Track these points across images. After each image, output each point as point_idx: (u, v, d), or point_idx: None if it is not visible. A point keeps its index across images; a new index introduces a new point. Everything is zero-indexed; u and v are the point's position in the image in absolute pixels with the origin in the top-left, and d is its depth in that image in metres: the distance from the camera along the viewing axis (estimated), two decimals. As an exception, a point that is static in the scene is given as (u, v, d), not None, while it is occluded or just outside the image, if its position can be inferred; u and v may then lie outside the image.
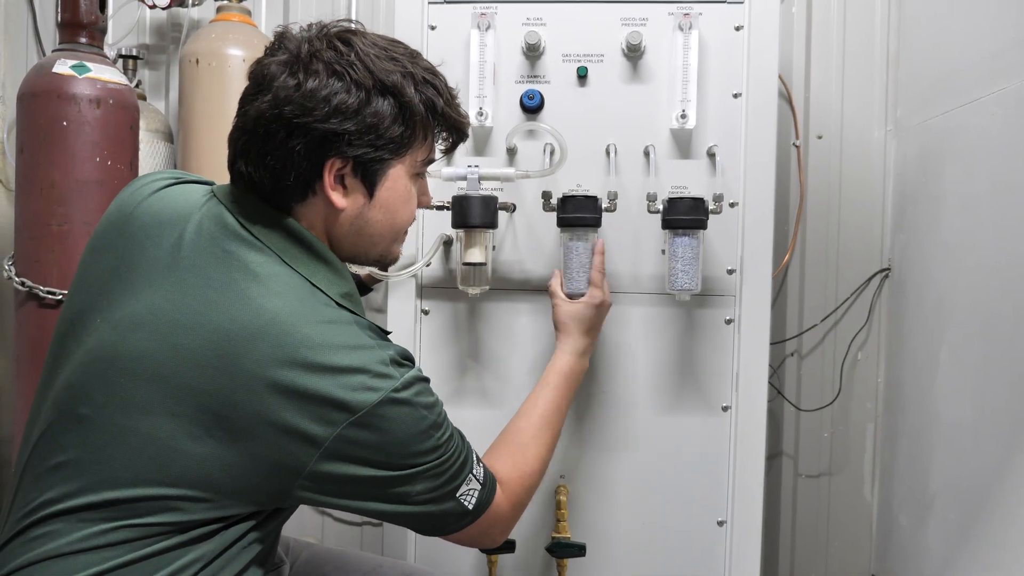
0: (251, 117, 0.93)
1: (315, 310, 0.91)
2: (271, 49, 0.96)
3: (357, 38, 0.95)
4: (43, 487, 0.89)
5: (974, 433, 1.46)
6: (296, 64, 0.92)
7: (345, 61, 0.92)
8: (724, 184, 1.37)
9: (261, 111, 0.92)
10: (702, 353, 1.40)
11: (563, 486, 1.42)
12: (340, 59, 0.92)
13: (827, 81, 1.98)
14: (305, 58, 0.92)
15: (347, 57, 0.92)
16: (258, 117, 0.92)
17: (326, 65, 0.91)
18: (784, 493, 1.99)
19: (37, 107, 1.63)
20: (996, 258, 1.40)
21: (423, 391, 0.94)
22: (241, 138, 0.95)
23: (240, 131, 0.95)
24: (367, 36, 0.97)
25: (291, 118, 0.90)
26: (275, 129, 0.91)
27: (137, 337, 0.89)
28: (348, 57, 0.92)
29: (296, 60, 0.92)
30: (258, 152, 0.93)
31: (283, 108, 0.90)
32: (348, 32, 0.96)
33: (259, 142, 0.93)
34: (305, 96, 0.90)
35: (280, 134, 0.91)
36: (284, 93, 0.91)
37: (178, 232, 0.94)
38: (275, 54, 0.94)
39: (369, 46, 0.95)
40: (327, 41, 0.94)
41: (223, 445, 0.87)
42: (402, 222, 1.04)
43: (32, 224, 1.65)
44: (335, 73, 0.91)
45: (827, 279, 1.97)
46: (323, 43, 0.93)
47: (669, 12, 1.37)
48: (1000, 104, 1.40)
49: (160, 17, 2.07)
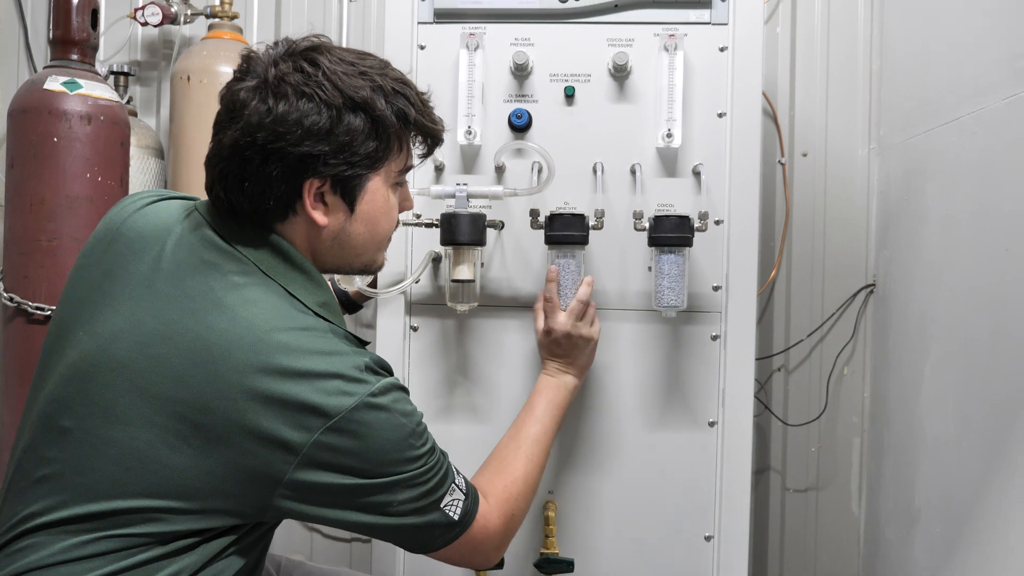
0: (226, 145, 0.93)
1: (291, 317, 0.91)
2: (240, 73, 0.95)
3: (324, 56, 0.94)
4: (27, 500, 0.90)
5: (957, 447, 1.47)
6: (265, 89, 0.91)
7: (313, 82, 0.92)
8: (709, 202, 1.38)
9: (235, 139, 0.92)
10: (688, 369, 1.41)
11: (551, 502, 1.42)
12: (308, 80, 0.92)
13: (811, 100, 2.00)
14: (273, 82, 0.92)
15: (315, 78, 0.92)
16: (233, 145, 0.92)
17: (294, 88, 0.91)
18: (772, 508, 2.00)
19: (28, 123, 1.64)
20: (975, 275, 1.42)
21: (400, 399, 0.94)
22: (218, 165, 0.95)
23: (217, 158, 0.95)
24: (333, 52, 0.96)
25: (265, 144, 0.90)
26: (250, 156, 0.91)
27: (116, 349, 0.90)
28: (316, 77, 0.92)
29: (265, 85, 0.92)
30: (236, 179, 0.93)
31: (256, 135, 0.90)
32: (314, 51, 0.95)
33: (236, 169, 0.93)
34: (277, 121, 0.90)
35: (256, 160, 0.91)
36: (256, 119, 0.90)
37: (159, 246, 0.95)
38: (244, 79, 0.94)
39: (336, 63, 0.94)
40: (293, 62, 0.93)
41: (201, 454, 0.87)
42: (384, 232, 1.04)
43: (21, 239, 1.65)
44: (304, 95, 0.91)
45: (813, 295, 1.99)
46: (290, 65, 0.93)
47: (655, 33, 1.39)
48: (979, 123, 1.42)
49: (152, 34, 2.08)
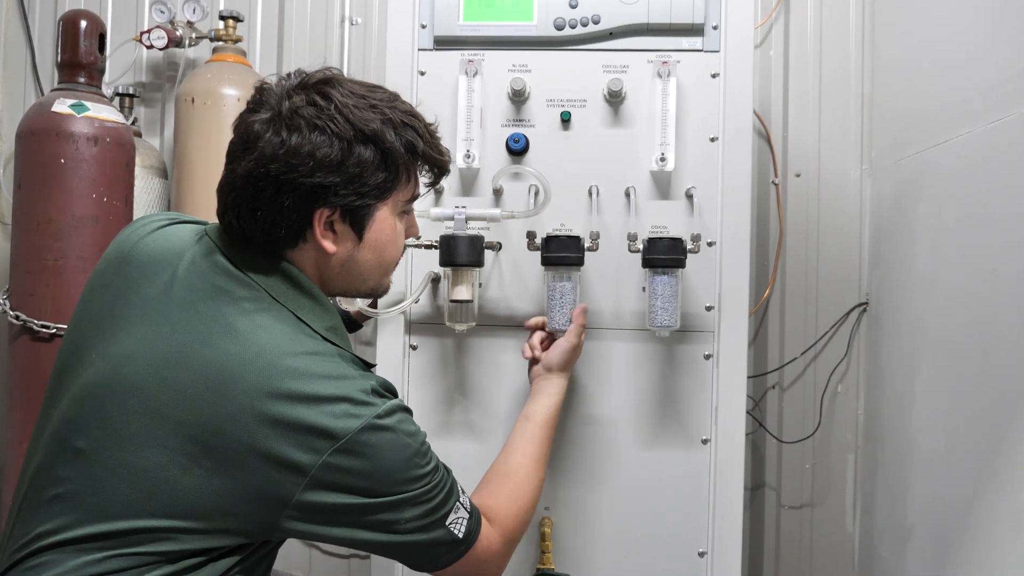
0: (239, 175, 0.95)
1: (300, 342, 0.94)
2: (253, 104, 0.98)
3: (336, 89, 0.97)
4: (40, 519, 0.92)
5: (947, 464, 1.49)
6: (279, 121, 0.94)
7: (326, 115, 0.94)
8: (702, 224, 1.41)
9: (248, 170, 0.94)
10: (682, 387, 1.43)
11: (547, 518, 1.45)
12: (321, 113, 0.94)
13: (805, 121, 2.02)
14: (287, 115, 0.94)
15: (327, 111, 0.95)
16: (246, 175, 0.95)
17: (307, 121, 0.94)
18: (767, 524, 2.01)
19: (36, 145, 1.67)
20: (964, 294, 1.44)
21: (405, 420, 0.97)
22: (231, 193, 0.97)
23: (230, 187, 0.97)
24: (345, 85, 0.99)
25: (278, 175, 0.93)
26: (263, 186, 0.94)
27: (129, 371, 0.93)
28: (328, 111, 0.95)
29: (278, 117, 0.94)
30: (248, 208, 0.96)
31: (269, 166, 0.93)
32: (326, 84, 0.98)
33: (249, 198, 0.95)
34: (290, 153, 0.93)
35: (269, 190, 0.94)
36: (270, 151, 0.93)
37: (171, 270, 0.98)
38: (258, 111, 0.97)
39: (347, 96, 0.97)
40: (306, 95, 0.96)
41: (212, 475, 0.89)
42: (391, 258, 1.08)
43: (28, 258, 1.67)
44: (316, 128, 0.94)
45: (807, 313, 2.01)
46: (303, 98, 0.96)
47: (649, 60, 1.42)
48: (967, 146, 1.45)
49: (156, 56, 2.11)
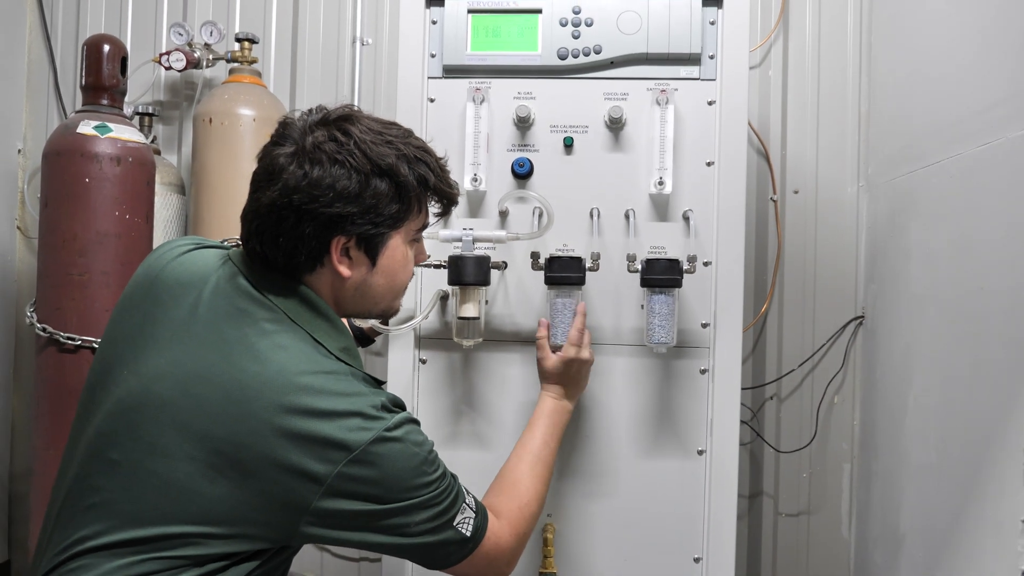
0: (264, 204, 1.03)
1: (316, 362, 1.02)
2: (277, 137, 1.06)
3: (355, 126, 1.05)
4: (78, 525, 0.99)
5: (937, 475, 1.54)
6: (302, 155, 1.02)
7: (345, 150, 1.02)
8: (698, 245, 1.47)
9: (273, 199, 1.02)
10: (679, 401, 1.50)
11: (550, 524, 1.51)
12: (341, 148, 1.02)
13: (803, 139, 2.08)
14: (310, 149, 1.02)
15: (347, 146, 1.03)
16: (270, 204, 1.02)
17: (328, 155, 1.02)
18: (765, 531, 2.07)
19: (62, 164, 1.74)
20: (954, 311, 1.49)
21: (413, 431, 1.04)
22: (254, 221, 1.05)
23: (254, 214, 1.05)
24: (362, 122, 1.07)
25: (300, 205, 1.01)
26: (286, 215, 1.02)
27: (159, 388, 1.00)
28: (348, 146, 1.03)
29: (302, 152, 1.02)
30: (271, 235, 1.04)
31: (292, 196, 1.01)
32: (345, 120, 1.06)
33: (272, 226, 1.03)
34: (312, 185, 1.01)
35: (291, 219, 1.02)
36: (293, 182, 1.01)
37: (197, 293, 1.06)
38: (282, 144, 1.04)
39: (365, 132, 1.05)
40: (327, 131, 1.04)
41: (236, 485, 0.97)
42: (401, 283, 1.16)
43: (54, 273, 1.75)
44: (337, 162, 1.02)
45: (804, 326, 2.06)
46: (324, 133, 1.03)
47: (648, 88, 1.49)
48: (957, 168, 1.51)
49: (174, 75, 2.19)
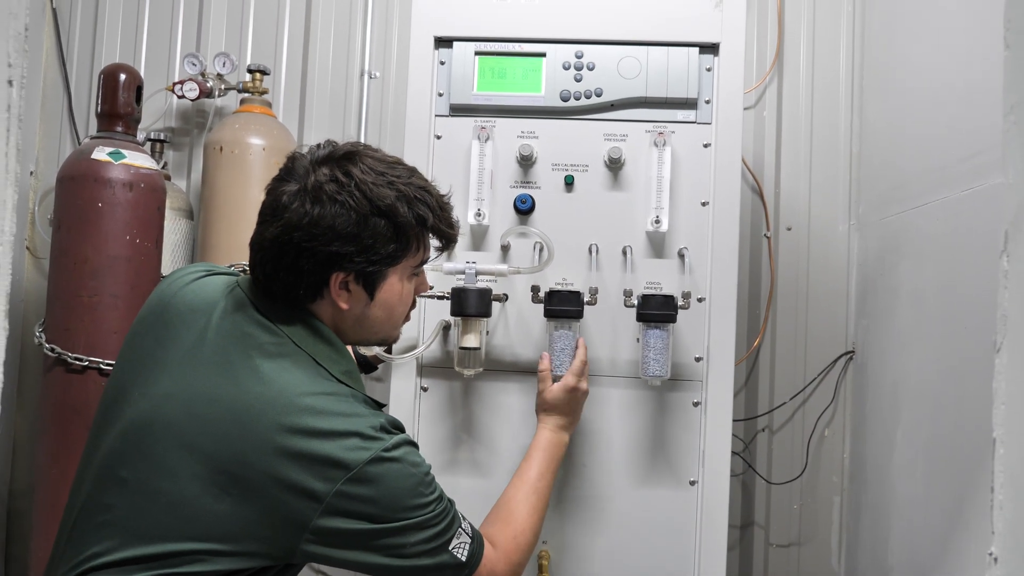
0: (267, 238, 1.08)
1: (318, 384, 1.06)
2: (284, 173, 1.10)
3: (357, 166, 1.08)
4: (90, 542, 1.03)
5: (924, 509, 1.58)
6: (304, 194, 1.06)
7: (346, 191, 1.06)
8: (693, 281, 1.52)
9: (275, 235, 1.07)
10: (672, 432, 1.54)
11: (545, 551, 1.54)
12: (341, 189, 1.06)
13: (796, 177, 2.14)
14: (312, 189, 1.06)
15: (347, 187, 1.06)
16: (273, 239, 1.07)
17: (329, 196, 1.06)
18: (756, 562, 2.09)
19: (75, 189, 1.79)
20: (940, 348, 1.54)
21: (410, 452, 1.08)
22: (259, 253, 1.10)
23: (258, 246, 1.10)
24: (366, 160, 1.10)
25: (300, 242, 1.06)
26: (287, 250, 1.07)
27: (167, 409, 1.05)
28: (348, 187, 1.06)
29: (304, 191, 1.06)
30: (273, 267, 1.08)
31: (293, 234, 1.06)
32: (349, 160, 1.09)
33: (274, 259, 1.08)
34: (312, 224, 1.05)
35: (291, 254, 1.07)
36: (295, 220, 1.05)
37: (206, 318, 1.11)
38: (289, 180, 1.09)
39: (367, 172, 1.08)
40: (331, 170, 1.08)
41: (240, 502, 1.01)
42: (399, 315, 1.20)
43: (64, 294, 1.79)
44: (337, 202, 1.05)
45: (796, 360, 2.11)
46: (327, 173, 1.07)
47: (646, 130, 1.55)
48: (943, 210, 1.56)
49: (186, 103, 2.24)
